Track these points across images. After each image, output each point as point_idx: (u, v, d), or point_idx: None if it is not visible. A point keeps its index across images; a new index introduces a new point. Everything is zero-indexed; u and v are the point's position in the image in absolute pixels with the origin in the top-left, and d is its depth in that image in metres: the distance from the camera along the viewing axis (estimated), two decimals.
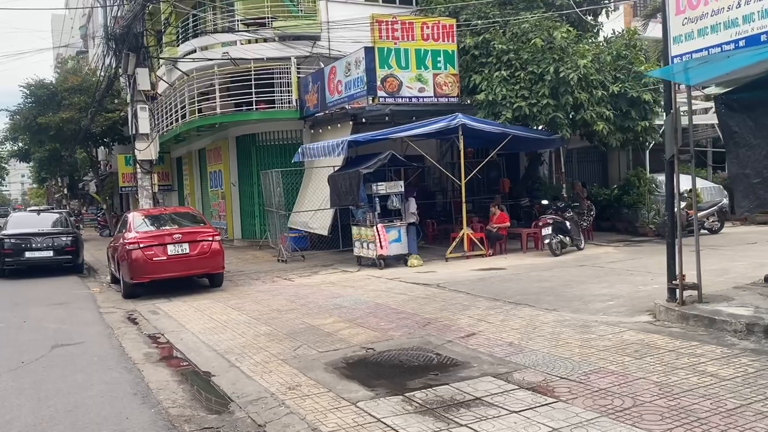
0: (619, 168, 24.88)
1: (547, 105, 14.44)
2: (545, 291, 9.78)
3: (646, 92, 15.62)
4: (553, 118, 14.53)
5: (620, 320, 7.63)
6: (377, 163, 13.33)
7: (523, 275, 11.51)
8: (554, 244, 14.01)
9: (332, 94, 16.37)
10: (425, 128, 13.81)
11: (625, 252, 14.27)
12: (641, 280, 10.29)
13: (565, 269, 11.99)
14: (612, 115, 15.28)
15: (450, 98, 15.43)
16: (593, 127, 15.08)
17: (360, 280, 12.19)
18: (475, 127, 14.06)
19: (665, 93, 7.76)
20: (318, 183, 16.84)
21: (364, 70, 14.63)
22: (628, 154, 24.27)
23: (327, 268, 14.30)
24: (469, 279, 11.39)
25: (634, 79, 15.82)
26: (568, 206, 15.10)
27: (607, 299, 8.92)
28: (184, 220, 13.04)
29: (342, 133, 15.47)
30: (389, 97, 14.85)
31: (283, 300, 10.48)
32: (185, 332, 8.57)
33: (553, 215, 14.41)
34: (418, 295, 10.12)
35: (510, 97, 14.59)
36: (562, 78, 14.29)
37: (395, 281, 11.69)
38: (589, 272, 11.48)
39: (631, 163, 24.22)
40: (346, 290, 11.04)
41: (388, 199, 13.78)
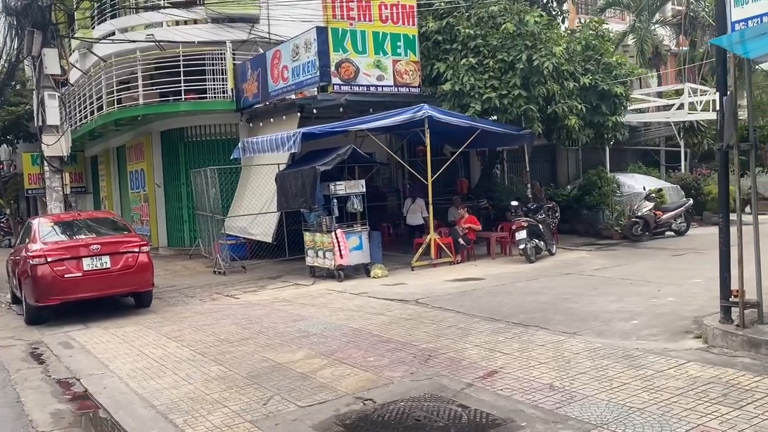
0: (568, 168, 24.09)
1: (518, 96, 13.09)
2: (547, 307, 8.32)
3: (617, 85, 14.57)
4: (525, 111, 13.20)
5: (665, 347, 6.22)
6: (336, 159, 11.55)
7: (509, 287, 10.03)
8: (529, 249, 12.66)
9: (276, 81, 14.45)
10: (389, 120, 12.16)
11: (602, 257, 13.10)
12: (648, 292, 9.01)
13: (551, 279, 10.62)
14: (585, 109, 14.13)
15: (411, 88, 13.83)
16: (564, 122, 13.87)
17: (320, 295, 10.38)
18: (442, 120, 12.53)
19: (719, 67, 6.42)
20: (259, 182, 14.87)
21: (316, 53, 12.81)
22: (578, 154, 23.52)
23: (275, 281, 12.39)
24: (449, 293, 9.81)
25: (604, 71, 14.76)
26: (541, 208, 13.81)
27: (628, 317, 7.54)
28: (104, 228, 10.81)
29: (287, 127, 13.58)
30: (345, 85, 13.09)
31: (232, 325, 8.55)
32: (109, 376, 6.53)
33: (527, 218, 13.06)
34: (398, 315, 8.44)
35: (479, 88, 13.15)
36: (535, 67, 12.97)
37: (363, 297, 9.96)
38: (581, 282, 10.13)
39: (580, 163, 23.47)
40: (308, 310, 9.21)
41: (348, 200, 12.04)
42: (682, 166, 20.60)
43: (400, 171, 19.02)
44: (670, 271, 10.82)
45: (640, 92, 20.75)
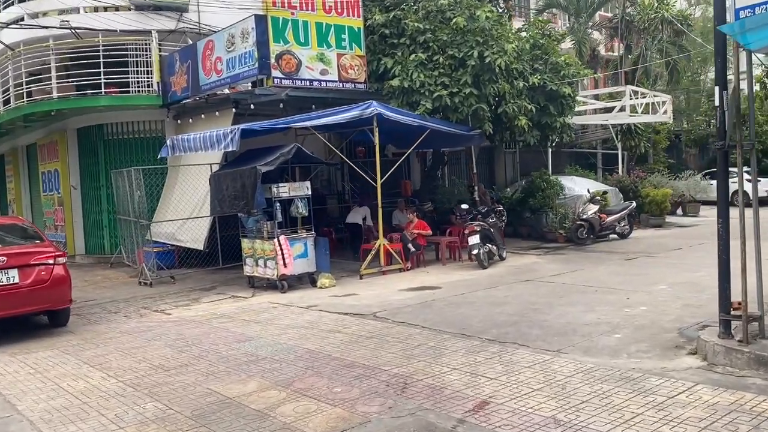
0: (506, 170, 23.92)
1: (470, 95, 12.49)
2: (518, 320, 7.68)
3: (565, 85, 14.25)
4: (476, 110, 12.63)
5: (662, 366, 5.67)
6: (279, 159, 10.55)
7: (470, 296, 9.36)
8: (482, 254, 12.08)
9: (208, 74, 13.28)
10: (336, 117, 11.28)
11: (554, 262, 12.68)
12: (617, 300, 8.55)
13: (511, 287, 10.03)
14: (535, 109, 13.71)
15: (356, 83, 12.99)
16: (514, 123, 13.41)
17: (263, 310, 9.38)
18: (391, 119, 11.77)
19: (718, 59, 5.94)
20: (188, 184, 13.67)
21: (255, 44, 11.77)
22: (515, 156, 23.37)
23: (209, 293, 11.26)
24: (408, 304, 9.04)
25: (551, 71, 14.42)
26: (491, 211, 13.27)
27: (608, 330, 6.99)
28: (11, 236, 9.38)
29: (220, 124, 12.47)
30: (286, 79, 12.10)
31: (166, 348, 7.45)
32: (17, 420, 5.36)
33: (480, 221, 12.49)
34: (357, 332, 7.58)
35: (429, 85, 12.47)
36: (487, 64, 12.42)
37: (313, 311, 9.03)
38: (544, 290, 9.59)
39: (518, 166, 23.34)
40: (252, 328, 8.21)
41: (291, 204, 11.07)
42: (620, 168, 20.68)
43: (339, 172, 18.20)
44: (630, 276, 10.45)
45: (580, 94, 20.71)
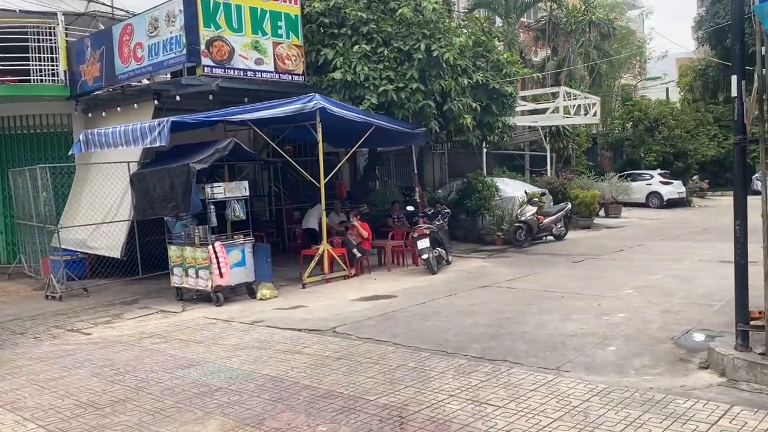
0: (434, 171, 23.49)
1: (417, 90, 11.81)
2: (497, 333, 7.02)
3: (507, 84, 13.86)
4: (423, 106, 11.95)
5: (681, 384, 5.13)
6: (214, 156, 9.39)
7: (433, 306, 8.63)
8: (432, 259, 11.41)
9: (126, 62, 11.88)
10: (276, 110, 10.24)
11: (502, 265, 12.21)
12: (589, 307, 8.09)
13: (471, 294, 9.40)
14: (479, 108, 13.23)
15: (294, 75, 12.00)
16: (459, 121, 12.85)
17: (201, 327, 8.24)
18: (335, 114, 10.86)
19: (735, 45, 5.49)
20: (101, 185, 12.18)
21: (183, 28, 10.55)
22: (443, 158, 23.01)
23: (131, 307, 9.94)
24: (367, 316, 8.18)
25: (493, 69, 13.99)
26: (438, 213, 12.64)
27: (598, 342, 6.45)
28: None
29: (139, 118, 11.10)
30: (218, 68, 10.94)
31: (92, 377, 6.23)
32: None
33: (428, 224, 11.82)
34: (319, 352, 6.65)
35: (373, 79, 11.67)
36: (434, 58, 11.77)
37: (261, 327, 8.00)
38: (508, 298, 9.01)
39: (446, 167, 22.99)
40: (194, 350, 7.09)
41: (226, 206, 9.95)
42: (548, 170, 20.70)
43: (266, 172, 17.07)
44: (589, 280, 10.08)
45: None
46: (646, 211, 25.29)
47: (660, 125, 28.05)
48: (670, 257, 12.21)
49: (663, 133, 28.15)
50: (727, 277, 9.97)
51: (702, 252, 12.72)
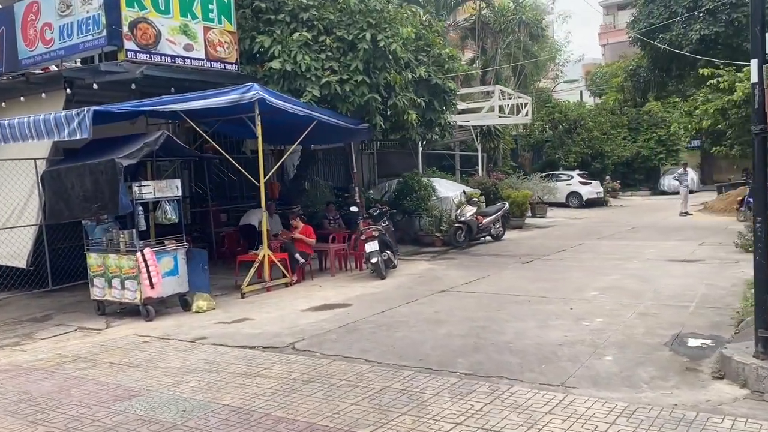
0: (362, 171, 22.78)
1: (362, 83, 11.06)
2: (477, 344, 6.40)
3: (449, 80, 13.39)
4: (368, 100, 11.21)
5: (703, 397, 4.68)
6: (143, 150, 8.23)
7: (395, 315, 7.90)
8: (381, 263, 10.70)
9: (32, 45, 10.44)
10: (211, 100, 9.20)
11: (452, 268, 11.67)
12: (562, 312, 7.65)
13: (432, 300, 8.75)
14: (424, 104, 12.65)
15: (227, 64, 10.94)
16: (404, 117, 12.22)
17: (132, 347, 7.12)
18: (276, 106, 9.93)
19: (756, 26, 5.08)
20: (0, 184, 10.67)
21: (102, 6, 9.31)
22: (372, 157, 22.37)
23: (44, 324, 8.60)
24: (325, 329, 7.35)
25: (435, 64, 13.47)
26: (384, 214, 11.93)
27: (592, 352, 5.96)
28: None
29: (47, 109, 9.71)
30: (142, 53, 9.75)
31: (8, 417, 5.07)
32: None
33: (376, 226, 11.09)
34: (283, 374, 5.77)
35: (316, 69, 10.83)
36: (380, 49, 11.07)
37: (205, 346, 6.99)
38: (472, 303, 8.43)
39: (375, 167, 22.36)
40: (130, 376, 6.02)
41: (157, 207, 8.83)
42: (480, 170, 20.49)
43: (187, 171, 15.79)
44: (548, 283, 9.67)
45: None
46: (567, 210, 25.72)
47: (579, 127, 28.71)
48: (617, 256, 12.08)
49: (582, 134, 28.81)
50: (682, 276, 9.93)
51: (645, 251, 12.69)
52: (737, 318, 6.73)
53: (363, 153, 21.70)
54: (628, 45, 16.79)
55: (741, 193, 23.06)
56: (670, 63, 15.75)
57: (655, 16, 14.55)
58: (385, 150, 21.70)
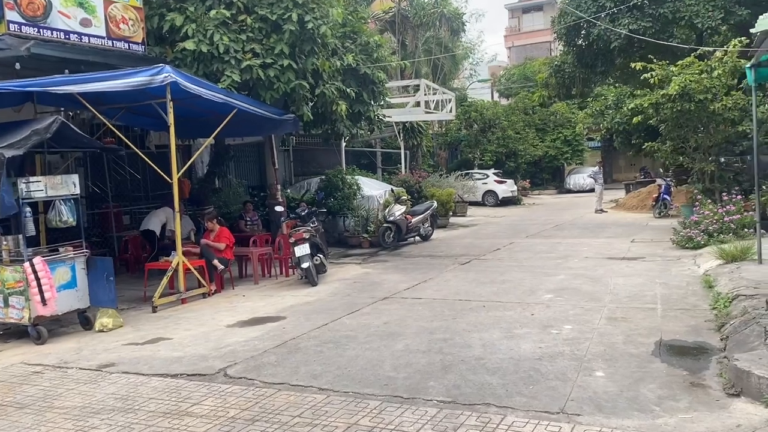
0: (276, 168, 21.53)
1: (288, 68, 9.97)
2: (444, 361, 5.53)
3: (379, 69, 12.54)
4: (294, 88, 10.14)
5: (736, 423, 4.03)
6: (31, 139, 6.78)
7: (339, 328, 6.91)
8: (313, 268, 9.67)
9: None
10: (115, 82, 7.84)
11: (387, 271, 10.81)
12: (524, 319, 6.95)
13: (377, 308, 7.83)
14: (354, 94, 11.72)
15: (131, 44, 9.52)
16: (333, 108, 11.24)
17: (21, 380, 5.74)
18: (190, 91, 8.67)
19: None
20: None
21: None
22: (287, 155, 21.19)
23: None
24: (259, 348, 6.25)
25: (363, 53, 12.57)
26: (313, 213, 10.88)
27: (578, 367, 5.25)
28: None
29: None
30: (29, 26, 8.23)
31: None
32: None
33: (306, 227, 10.04)
34: (219, 411, 4.64)
35: (236, 52, 9.64)
36: (308, 31, 10.02)
37: (114, 375, 5.71)
38: (422, 311, 7.57)
39: (291, 165, 21.18)
40: (15, 422, 4.70)
41: (50, 208, 7.39)
42: (403, 167, 19.78)
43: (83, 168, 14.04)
44: (495, 285, 8.99)
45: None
46: (484, 209, 25.58)
47: (493, 126, 28.70)
48: (554, 255, 11.65)
49: (496, 133, 28.82)
50: (631, 275, 9.53)
51: (580, 249, 12.36)
52: (716, 321, 6.25)
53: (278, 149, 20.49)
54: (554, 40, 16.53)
55: (652, 190, 23.77)
56: (594, 59, 15.65)
57: (583, 10, 14.35)
58: (303, 146, 20.60)
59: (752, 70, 8.27)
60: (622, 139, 26.82)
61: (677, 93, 11.22)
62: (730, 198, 11.73)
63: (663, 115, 12.05)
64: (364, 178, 18.16)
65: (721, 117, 11.65)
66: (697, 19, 13.20)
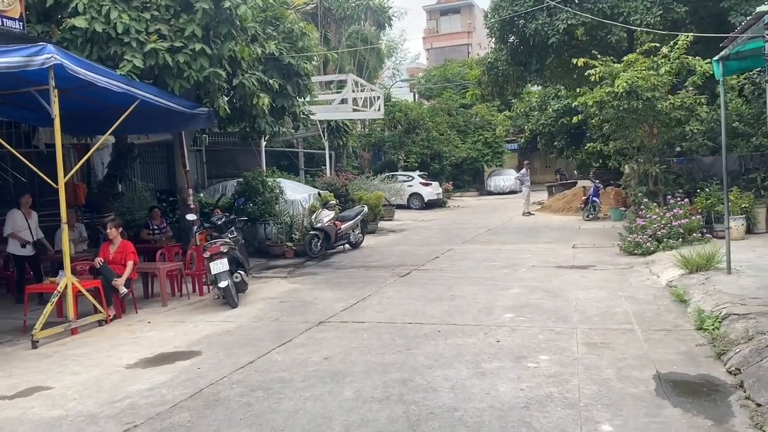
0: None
1: (200, 53, 8.53)
2: (412, 414, 4.38)
3: (305, 60, 11.27)
4: (209, 77, 8.71)
5: None
6: None
7: (269, 367, 5.60)
8: (232, 287, 8.29)
9: None
10: None
11: (318, 287, 9.55)
12: (489, 347, 5.92)
13: (314, 338, 6.58)
14: (277, 86, 10.40)
15: (7, 20, 7.78)
16: (253, 101, 9.88)
17: None
18: (80, 76, 7.11)
19: None
20: None
21: None
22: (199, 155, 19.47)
23: None
24: (168, 400, 4.87)
25: (286, 41, 11.28)
26: (231, 222, 9.45)
27: (579, 419, 4.22)
28: None
29: None
30: None
31: None
32: None
33: (223, 239, 8.62)
34: None
35: (138, 32, 8.13)
36: (224, 11, 8.62)
37: None
38: (370, 341, 6.39)
39: (204, 166, 19.49)
40: None
41: None
42: (327, 169, 18.52)
43: None
44: (445, 302, 7.93)
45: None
46: (411, 212, 24.74)
47: (418, 127, 27.92)
48: (499, 264, 10.77)
49: (421, 134, 28.05)
50: (590, 287, 8.67)
51: (523, 256, 11.57)
52: (712, 347, 5.41)
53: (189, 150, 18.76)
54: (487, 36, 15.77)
55: (577, 192, 23.63)
56: (529, 56, 14.99)
57: (519, 4, 13.63)
58: (218, 145, 18.97)
59: (720, 63, 7.62)
60: (546, 141, 26.73)
61: (625, 90, 10.58)
62: (676, 201, 11.24)
63: (607, 114, 11.42)
64: (287, 181, 16.77)
65: (668, 116, 11.13)
66: (635, 15, 12.72)
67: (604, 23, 12.82)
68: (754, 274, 7.64)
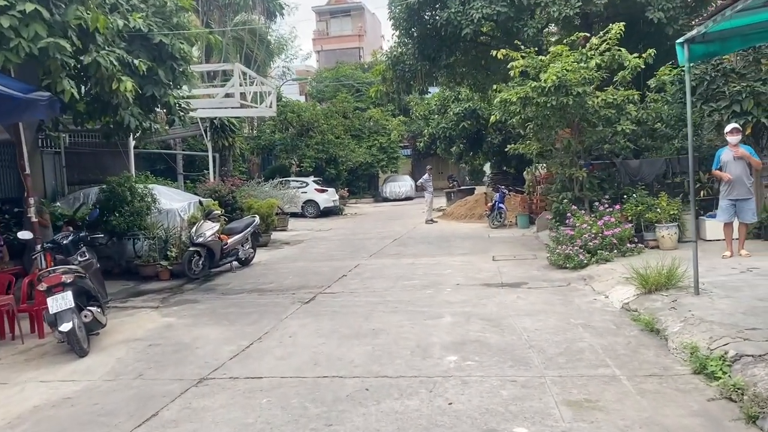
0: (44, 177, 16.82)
1: (33, 17, 6.37)
2: None
3: (182, 39, 9.25)
4: (46, 49, 6.55)
5: None
6: None
7: None
8: (80, 329, 6.17)
9: None
10: None
11: (199, 321, 7.58)
12: (444, 414, 4.34)
13: (190, 407, 4.69)
14: (144, 69, 8.31)
15: None
16: (112, 85, 7.76)
17: None
18: None
19: None
20: None
21: None
22: (57, 158, 16.66)
23: None
24: None
25: (156, 15, 9.21)
26: (82, 240, 7.25)
27: None
28: None
29: None
30: None
31: None
32: None
33: (67, 266, 6.47)
34: None
35: None
36: None
37: None
38: (270, 411, 4.61)
39: (63, 171, 16.68)
40: None
41: None
42: (211, 174, 16.31)
43: None
44: (365, 340, 6.26)
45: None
46: (306, 221, 22.97)
47: (312, 129, 26.14)
48: (418, 283, 9.26)
49: (315, 137, 26.27)
50: (531, 312, 7.23)
51: (442, 272, 10.15)
52: (739, 406, 4.10)
53: (45, 152, 15.89)
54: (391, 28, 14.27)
55: (479, 198, 22.79)
56: (438, 51, 13.69)
57: None
58: (80, 147, 16.21)
59: (684, 46, 6.49)
60: (445, 146, 25.82)
61: (554, 84, 9.42)
62: (605, 209, 10.24)
63: (531, 111, 10.23)
64: (162, 188, 14.38)
65: (596, 115, 10.12)
66: (554, 6, 11.71)
67: (521, 15, 11.69)
68: (725, 294, 6.55)
